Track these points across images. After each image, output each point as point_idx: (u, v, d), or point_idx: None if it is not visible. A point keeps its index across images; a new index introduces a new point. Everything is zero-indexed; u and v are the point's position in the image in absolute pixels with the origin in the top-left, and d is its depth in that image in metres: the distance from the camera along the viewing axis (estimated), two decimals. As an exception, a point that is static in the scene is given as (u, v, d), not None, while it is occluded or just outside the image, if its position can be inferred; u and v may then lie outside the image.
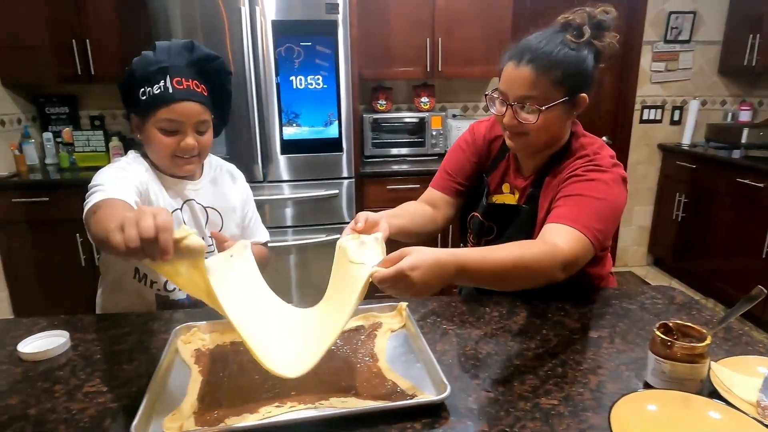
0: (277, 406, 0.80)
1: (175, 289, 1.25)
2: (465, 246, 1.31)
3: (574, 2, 1.09)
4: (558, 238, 0.96)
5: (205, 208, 1.29)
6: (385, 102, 3.25)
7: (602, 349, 0.97)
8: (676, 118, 3.75)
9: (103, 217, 0.90)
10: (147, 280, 1.23)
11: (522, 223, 1.17)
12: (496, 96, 1.09)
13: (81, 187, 3.03)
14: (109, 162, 3.15)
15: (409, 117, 3.20)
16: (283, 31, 2.50)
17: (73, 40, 2.78)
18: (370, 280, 0.80)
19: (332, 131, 2.66)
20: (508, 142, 1.14)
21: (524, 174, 1.20)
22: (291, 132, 2.63)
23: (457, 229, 1.39)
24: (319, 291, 1.01)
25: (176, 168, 1.21)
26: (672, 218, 3.61)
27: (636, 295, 1.22)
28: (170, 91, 1.12)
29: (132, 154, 1.24)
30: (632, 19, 3.55)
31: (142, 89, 1.13)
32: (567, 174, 1.09)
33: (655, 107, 3.72)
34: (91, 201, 1.01)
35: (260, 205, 2.69)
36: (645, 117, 3.72)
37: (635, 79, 3.64)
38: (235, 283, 0.92)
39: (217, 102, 1.24)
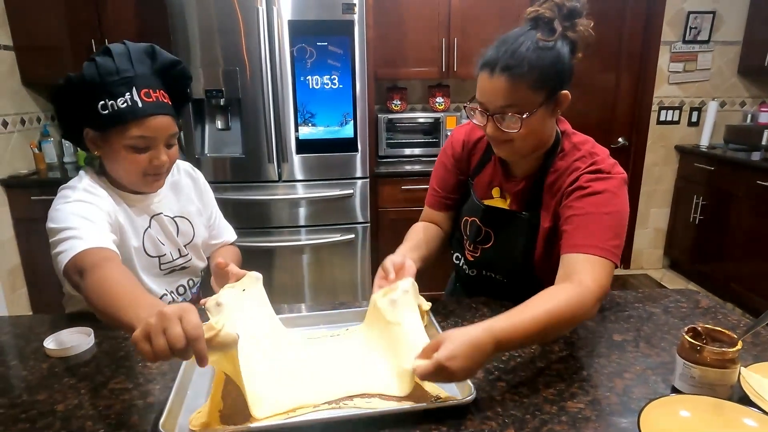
0: (301, 406, 0.80)
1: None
2: (462, 254, 1.25)
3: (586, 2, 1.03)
4: (582, 274, 0.93)
5: (173, 218, 1.22)
6: (399, 102, 3.25)
7: (627, 352, 0.96)
8: (694, 119, 3.69)
9: (106, 294, 0.82)
10: None
11: (522, 230, 1.12)
12: (473, 107, 1.04)
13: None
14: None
15: (424, 117, 3.19)
16: (300, 31, 2.50)
17: (92, 40, 2.81)
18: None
19: (347, 131, 2.66)
20: (495, 150, 1.10)
21: (516, 177, 1.15)
22: (306, 132, 2.63)
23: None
24: (331, 291, 1.05)
25: (146, 186, 1.12)
26: (689, 221, 3.56)
27: (659, 299, 1.20)
28: (139, 105, 1.01)
29: (86, 178, 1.10)
30: (650, 19, 3.51)
31: (102, 102, 1.00)
32: (569, 181, 1.04)
33: (673, 108, 3.67)
34: (68, 251, 0.92)
35: (275, 204, 2.71)
36: (662, 118, 3.68)
37: (652, 79, 3.59)
38: (248, 322, 0.95)
39: (177, 108, 1.13)
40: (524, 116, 0.98)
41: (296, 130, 2.62)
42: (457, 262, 1.29)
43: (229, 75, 2.52)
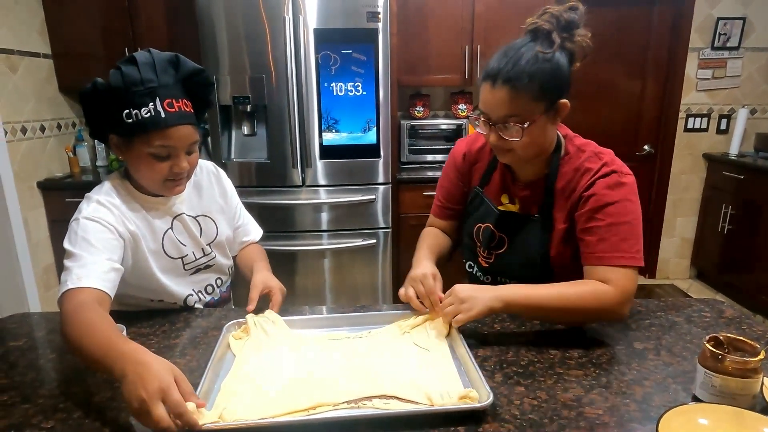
0: (320, 404, 0.82)
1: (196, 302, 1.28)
2: (475, 261, 1.28)
3: (611, 11, 1.06)
4: (608, 282, 1.02)
5: (196, 218, 1.24)
6: (422, 109, 3.27)
7: (647, 360, 0.96)
8: (723, 126, 3.62)
9: (80, 338, 0.85)
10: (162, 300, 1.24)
11: (535, 233, 1.15)
12: (478, 116, 1.08)
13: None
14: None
15: (446, 124, 3.20)
16: (325, 39, 2.55)
17: (125, 48, 2.91)
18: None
19: (370, 137, 2.69)
20: (499, 158, 1.15)
21: (523, 182, 1.18)
22: (330, 138, 2.68)
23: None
24: (352, 295, 1.11)
25: (166, 191, 1.15)
26: (717, 230, 3.48)
27: (682, 308, 1.19)
28: (162, 115, 1.03)
29: (106, 186, 1.14)
30: (678, 25, 3.46)
31: (127, 111, 1.03)
32: (584, 183, 1.08)
33: (701, 115, 3.60)
34: (65, 283, 0.96)
35: (298, 209, 2.76)
36: (690, 126, 3.61)
37: (680, 86, 3.54)
38: (272, 339, 1.04)
39: (198, 114, 1.16)
40: (525, 126, 1.01)
41: (320, 136, 2.67)
42: (470, 270, 1.31)
43: (256, 82, 2.58)
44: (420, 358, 0.96)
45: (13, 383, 0.90)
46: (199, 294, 1.27)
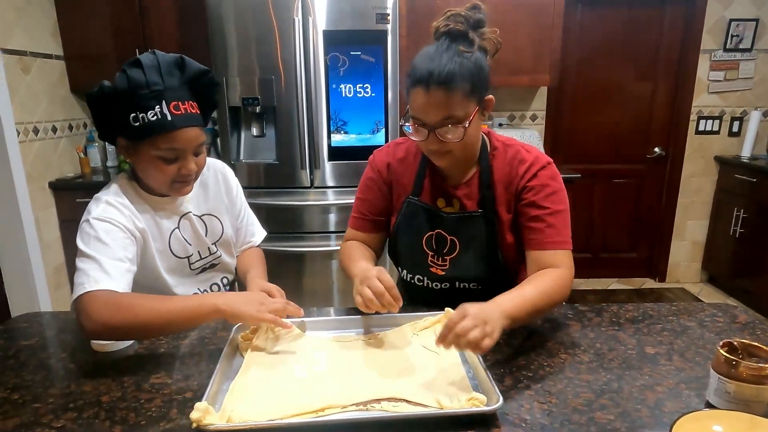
0: (329, 406, 0.81)
1: None
2: (424, 273, 1.24)
3: (622, 11, 1.06)
4: (558, 265, 1.08)
5: (201, 217, 1.24)
6: (430, 110, 3.26)
7: (659, 365, 0.95)
8: (735, 129, 3.58)
9: (150, 312, 0.96)
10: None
11: (483, 229, 1.16)
12: (411, 124, 1.07)
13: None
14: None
15: (455, 125, 3.19)
16: (334, 40, 2.55)
17: (136, 50, 2.93)
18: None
19: (379, 139, 2.69)
20: (436, 162, 1.13)
21: (455, 183, 1.19)
22: (339, 139, 2.68)
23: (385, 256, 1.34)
24: None
25: (174, 192, 1.14)
26: (729, 234, 3.44)
27: (694, 312, 1.18)
28: (168, 118, 1.03)
29: (114, 186, 1.14)
30: (689, 27, 3.43)
31: (134, 114, 1.03)
32: (522, 173, 1.13)
33: (712, 118, 3.57)
34: (81, 285, 0.96)
35: (306, 210, 2.76)
36: (701, 128, 3.58)
37: (691, 88, 3.50)
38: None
39: (203, 114, 1.15)
40: (467, 125, 1.03)
41: (329, 138, 2.67)
42: (420, 284, 1.25)
43: (265, 83, 2.59)
44: (429, 361, 0.96)
45: (24, 382, 0.91)
46: (204, 293, 1.28)
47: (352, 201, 1.27)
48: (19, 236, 2.64)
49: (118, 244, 1.04)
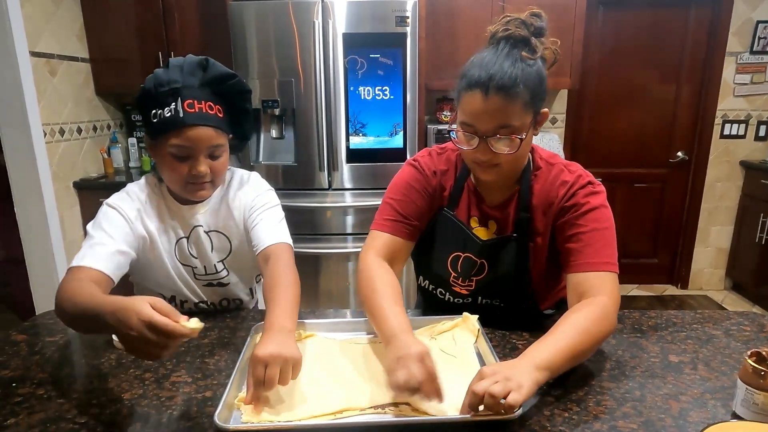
0: (348, 408, 0.81)
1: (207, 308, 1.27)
2: (446, 289, 1.19)
3: (645, 13, 1.02)
4: (598, 291, 0.96)
5: (208, 233, 1.20)
6: (449, 113, 3.25)
7: (684, 374, 0.93)
8: (762, 133, 3.49)
9: (70, 305, 0.90)
10: (176, 301, 1.25)
11: (514, 253, 1.09)
12: (462, 130, 1.00)
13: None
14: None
15: (473, 128, 3.18)
16: (353, 43, 2.57)
17: (159, 53, 2.98)
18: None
19: (397, 141, 2.69)
20: (480, 176, 1.06)
21: (491, 203, 1.12)
22: (357, 141, 2.69)
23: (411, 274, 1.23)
24: None
25: (189, 194, 1.14)
26: (755, 241, 3.36)
27: (720, 320, 1.15)
28: (181, 115, 1.03)
29: (141, 182, 1.19)
30: (714, 29, 3.36)
31: (154, 111, 1.05)
32: (562, 195, 1.04)
33: (738, 122, 3.49)
34: (76, 257, 1.02)
35: (324, 212, 2.77)
36: (726, 132, 3.50)
37: (716, 92, 3.43)
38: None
39: (235, 121, 1.15)
40: (522, 136, 0.96)
41: (347, 140, 2.68)
42: (441, 297, 1.21)
43: (285, 86, 2.61)
44: (447, 366, 0.95)
45: (49, 378, 0.93)
46: (212, 305, 1.27)
47: (370, 203, 1.21)
48: (44, 235, 2.70)
49: (115, 231, 1.08)
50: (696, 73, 3.47)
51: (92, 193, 2.93)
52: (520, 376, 0.77)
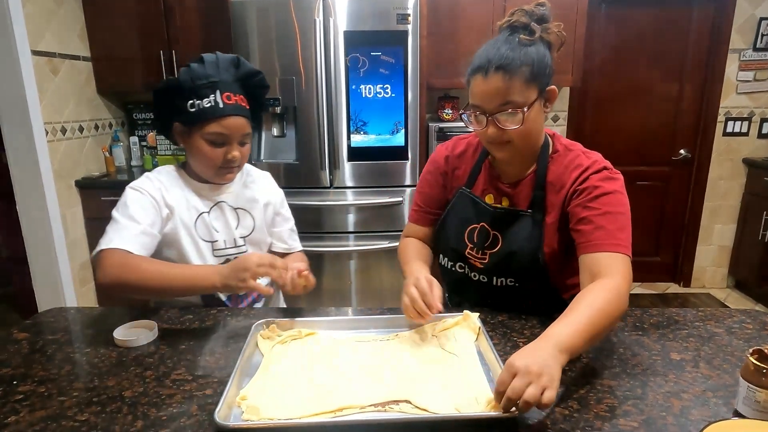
0: (348, 406, 0.81)
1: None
2: (465, 263, 1.24)
3: (648, 10, 1.05)
4: (610, 271, 0.97)
5: (235, 209, 1.32)
6: (451, 111, 3.25)
7: (685, 372, 0.92)
8: (765, 131, 3.48)
9: (158, 275, 1.11)
10: None
11: (527, 229, 1.14)
12: (471, 112, 1.07)
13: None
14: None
15: (475, 126, 3.17)
16: (354, 41, 2.56)
17: (161, 52, 2.98)
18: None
19: (398, 140, 2.69)
20: (495, 154, 1.13)
21: (508, 181, 1.18)
22: (358, 140, 2.68)
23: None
24: (378, 297, 1.09)
25: (219, 177, 1.27)
26: (758, 238, 3.34)
27: (722, 318, 1.15)
28: (220, 105, 1.17)
29: (159, 168, 1.30)
30: (718, 26, 3.35)
31: (191, 101, 1.18)
32: (575, 177, 1.09)
33: (741, 119, 3.47)
34: (99, 244, 1.13)
35: (325, 210, 2.77)
36: (729, 129, 3.49)
37: (719, 89, 3.42)
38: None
39: (254, 113, 1.28)
40: (525, 110, 1.02)
41: (348, 138, 2.68)
42: (461, 270, 1.25)
43: (286, 84, 2.61)
44: (447, 363, 0.95)
45: (50, 375, 0.93)
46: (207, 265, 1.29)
47: (372, 202, 1.29)
48: (46, 233, 2.71)
49: (139, 211, 1.17)
50: (699, 71, 3.46)
51: (94, 192, 2.93)
52: (551, 368, 0.75)
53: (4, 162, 2.67)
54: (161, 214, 1.21)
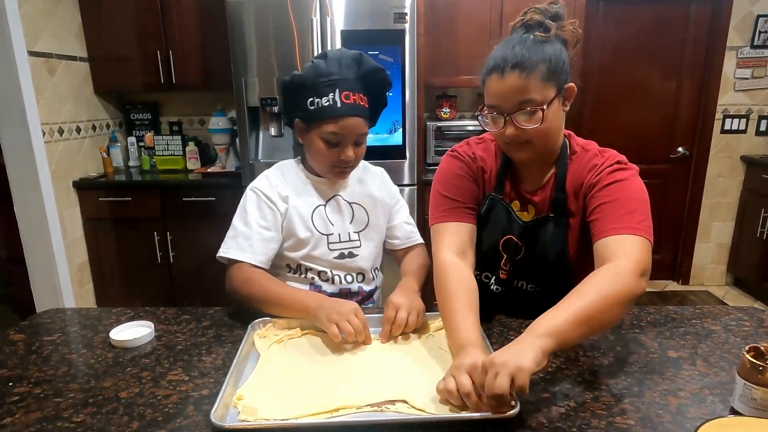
0: (344, 406, 0.81)
1: (328, 280, 1.30)
2: (493, 272, 1.20)
3: (646, 7, 1.04)
4: (616, 254, 0.93)
5: (350, 204, 1.32)
6: (448, 110, 3.25)
7: (682, 370, 0.92)
8: (762, 128, 3.48)
9: (268, 294, 1.15)
10: (302, 270, 1.30)
11: (551, 233, 1.11)
12: (487, 113, 1.04)
13: (160, 189, 3.19)
14: (185, 165, 3.25)
15: (473, 125, 3.17)
16: (351, 40, 2.56)
17: (158, 51, 2.98)
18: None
19: (396, 138, 2.68)
20: (514, 155, 1.09)
21: (531, 188, 1.14)
22: (356, 139, 2.68)
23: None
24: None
25: (332, 176, 1.27)
26: (756, 236, 3.35)
27: (719, 316, 1.15)
28: (338, 105, 1.16)
29: (278, 164, 1.33)
30: (715, 23, 3.35)
31: (311, 99, 1.17)
32: (590, 176, 1.07)
33: (739, 117, 3.47)
34: (229, 249, 1.20)
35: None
36: (727, 127, 3.49)
37: (716, 86, 3.42)
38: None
39: (374, 110, 1.27)
40: (544, 108, 0.99)
41: (346, 137, 2.67)
42: (486, 280, 1.22)
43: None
44: (444, 363, 0.95)
45: (46, 377, 0.93)
46: (336, 276, 1.30)
47: None
48: (44, 234, 2.70)
49: (256, 213, 1.22)
50: (696, 68, 3.46)
51: (92, 193, 2.93)
52: (519, 354, 0.75)
53: (2, 163, 2.67)
54: (279, 210, 1.24)
